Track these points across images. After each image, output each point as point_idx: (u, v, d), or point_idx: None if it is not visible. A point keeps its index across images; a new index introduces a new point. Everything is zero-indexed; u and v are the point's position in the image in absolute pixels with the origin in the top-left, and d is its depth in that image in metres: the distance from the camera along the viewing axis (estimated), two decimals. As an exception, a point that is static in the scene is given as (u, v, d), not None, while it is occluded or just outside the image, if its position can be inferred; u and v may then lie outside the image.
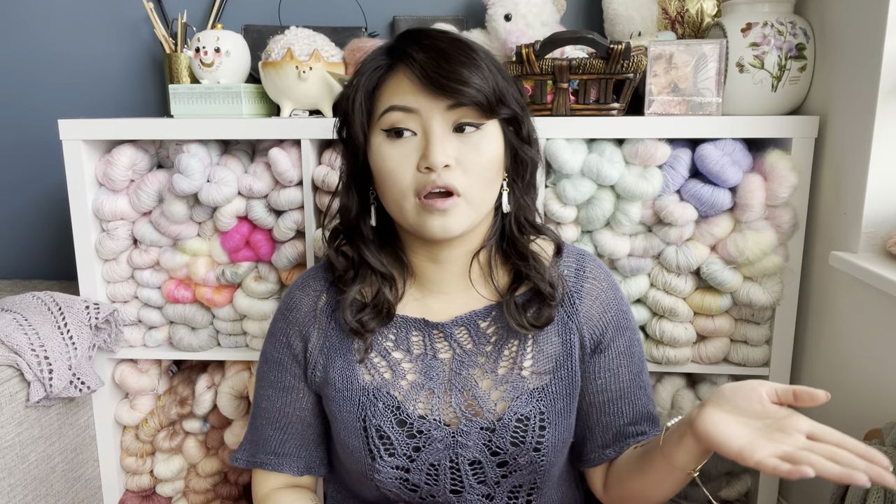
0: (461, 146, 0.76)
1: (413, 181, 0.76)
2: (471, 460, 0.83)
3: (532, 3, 1.33)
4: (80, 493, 1.29)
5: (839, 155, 1.09)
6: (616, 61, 1.11)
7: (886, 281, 0.90)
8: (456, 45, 0.76)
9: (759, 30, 1.14)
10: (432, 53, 0.74)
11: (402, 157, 0.76)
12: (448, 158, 0.75)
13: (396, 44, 0.78)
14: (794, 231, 1.15)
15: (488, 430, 0.83)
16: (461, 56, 0.74)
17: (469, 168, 0.76)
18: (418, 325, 0.86)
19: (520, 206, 0.85)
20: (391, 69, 0.77)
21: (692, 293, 1.19)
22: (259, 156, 1.24)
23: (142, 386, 1.32)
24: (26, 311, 1.16)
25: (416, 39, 0.76)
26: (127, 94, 1.58)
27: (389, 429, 0.83)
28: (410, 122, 0.76)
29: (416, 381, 0.85)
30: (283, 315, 0.91)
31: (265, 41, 1.36)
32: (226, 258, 1.23)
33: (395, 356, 0.86)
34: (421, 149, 0.76)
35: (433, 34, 0.77)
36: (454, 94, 0.73)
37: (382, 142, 0.77)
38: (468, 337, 0.86)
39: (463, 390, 0.84)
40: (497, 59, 0.80)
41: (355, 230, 0.85)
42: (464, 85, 0.73)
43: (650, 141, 1.11)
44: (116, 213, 1.22)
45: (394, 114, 0.76)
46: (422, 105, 0.75)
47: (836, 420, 1.09)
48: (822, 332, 1.15)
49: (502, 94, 0.77)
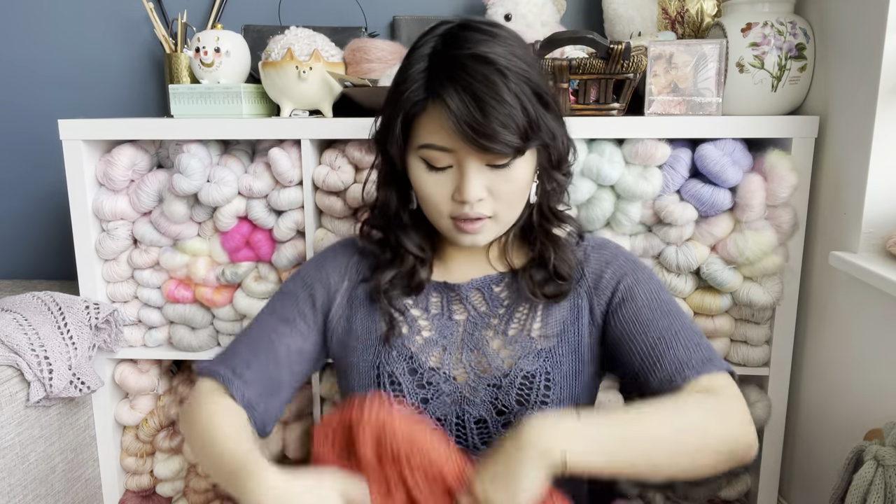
0: (494, 178, 0.80)
1: (448, 206, 0.82)
2: (476, 418, 0.86)
3: (532, 3, 1.33)
4: (80, 493, 1.29)
5: (839, 155, 1.09)
6: (616, 61, 1.11)
7: (886, 281, 0.90)
8: (489, 85, 0.74)
9: (759, 30, 1.14)
10: (467, 99, 0.74)
11: (438, 185, 0.81)
12: (481, 193, 0.79)
13: (434, 72, 0.77)
14: (794, 231, 1.15)
15: (494, 387, 0.86)
16: (493, 100, 0.74)
17: (500, 196, 0.81)
18: (438, 288, 0.92)
19: (545, 194, 0.89)
20: (428, 102, 0.78)
21: (692, 293, 1.19)
22: (259, 156, 1.24)
23: (142, 386, 1.32)
24: (26, 311, 1.16)
25: (450, 73, 0.75)
26: (127, 94, 1.58)
27: (401, 376, 0.87)
28: (446, 158, 0.79)
29: (430, 337, 0.89)
30: (317, 262, 0.97)
31: (265, 41, 1.36)
32: (226, 258, 1.23)
33: (413, 313, 0.91)
34: (455, 181, 0.80)
35: (468, 66, 0.75)
36: (486, 150, 0.76)
37: (420, 167, 0.82)
38: (482, 300, 0.91)
39: (474, 349, 0.89)
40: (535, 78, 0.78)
41: (395, 219, 0.90)
42: (494, 141, 0.75)
43: (650, 141, 1.11)
44: (116, 213, 1.22)
45: (431, 151, 0.79)
46: (458, 146, 0.78)
47: (836, 420, 1.09)
48: (822, 332, 1.15)
49: (532, 128, 0.77)
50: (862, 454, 0.83)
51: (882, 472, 0.79)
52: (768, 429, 1.22)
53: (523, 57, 0.78)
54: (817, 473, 1.15)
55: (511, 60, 0.76)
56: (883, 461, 0.79)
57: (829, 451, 1.11)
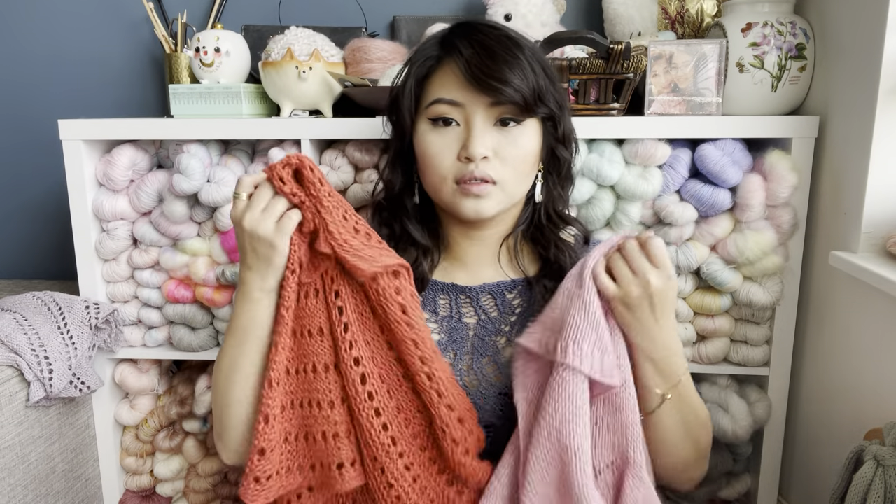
0: (501, 139, 0.81)
1: (453, 168, 0.82)
2: (486, 423, 0.86)
3: (532, 3, 1.33)
4: (80, 493, 1.29)
5: (839, 155, 1.09)
6: (616, 61, 1.11)
7: (886, 281, 0.90)
8: (503, 43, 0.79)
9: (759, 30, 1.14)
10: (479, 49, 0.78)
11: (444, 145, 0.82)
12: (487, 150, 0.80)
13: (449, 35, 0.82)
14: (794, 231, 1.15)
15: (506, 396, 0.86)
16: (506, 54, 0.78)
17: (506, 159, 0.81)
18: (446, 289, 0.91)
19: (551, 196, 0.90)
20: (441, 60, 0.81)
21: (692, 293, 1.19)
22: (259, 156, 1.24)
23: (142, 386, 1.32)
24: (26, 311, 1.16)
25: (467, 33, 0.80)
26: (127, 94, 1.58)
27: None
28: (455, 113, 0.81)
29: (440, 340, 0.89)
30: None
31: (265, 41, 1.36)
32: (226, 258, 1.23)
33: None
34: (462, 139, 0.81)
35: (483, 29, 0.80)
36: (494, 93, 0.77)
37: (428, 129, 0.82)
38: (494, 305, 0.91)
39: (485, 355, 0.88)
40: (544, 58, 0.82)
41: (399, 205, 0.90)
42: (504, 84, 0.77)
43: (650, 141, 1.11)
44: (116, 213, 1.22)
45: (440, 106, 0.81)
46: (466, 99, 0.79)
47: (836, 420, 1.09)
48: (822, 332, 1.15)
49: (541, 93, 0.80)
50: (862, 454, 0.83)
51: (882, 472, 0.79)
52: (768, 429, 1.22)
53: (535, 46, 0.82)
54: (817, 473, 1.15)
55: (524, 39, 0.81)
56: (883, 461, 0.79)
57: (829, 451, 1.11)
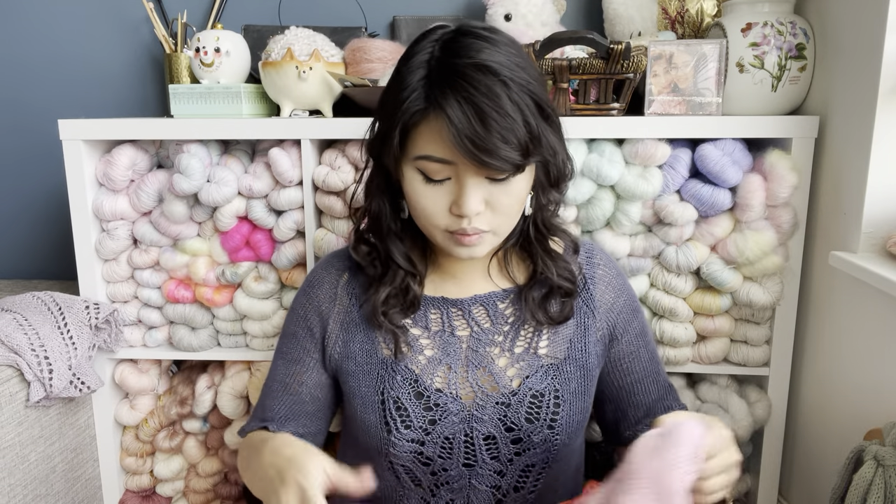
0: (493, 189, 0.77)
1: (445, 220, 0.79)
2: (485, 435, 0.86)
3: (532, 3, 1.33)
4: (80, 493, 1.29)
5: (839, 155, 1.09)
6: (616, 61, 1.11)
7: (886, 281, 0.90)
8: (493, 98, 0.72)
9: (759, 30, 1.14)
10: (470, 113, 0.71)
11: (435, 198, 0.78)
12: (479, 206, 0.77)
13: (436, 84, 0.74)
14: (794, 231, 1.14)
15: (503, 405, 0.86)
16: (497, 113, 0.71)
17: (498, 208, 0.78)
18: (437, 303, 0.90)
19: (540, 208, 0.88)
20: (427, 113, 0.75)
21: (692, 293, 1.19)
22: (259, 156, 1.24)
23: (142, 386, 1.32)
24: (26, 311, 1.16)
25: (453, 86, 0.72)
26: (127, 94, 1.58)
27: (407, 400, 0.85)
28: (445, 171, 0.76)
29: (433, 356, 0.88)
30: (304, 291, 0.95)
31: (265, 41, 1.36)
32: (226, 258, 1.23)
33: (413, 332, 0.89)
34: (453, 193, 0.77)
35: (471, 78, 0.72)
36: (486, 165, 0.73)
37: (416, 178, 0.78)
38: (486, 316, 0.90)
39: (479, 366, 0.88)
40: (536, 88, 0.76)
41: (385, 230, 0.87)
42: (496, 158, 0.72)
43: (650, 141, 1.11)
44: (116, 213, 1.22)
45: (430, 164, 0.76)
46: (457, 158, 0.74)
47: (836, 420, 1.09)
48: (822, 332, 1.15)
49: (536, 143, 0.75)
50: (862, 454, 0.83)
51: (882, 472, 0.79)
52: (768, 429, 1.22)
53: (524, 66, 0.76)
54: (817, 473, 1.15)
55: (514, 71, 0.74)
56: (883, 461, 0.79)
57: (829, 451, 1.11)
